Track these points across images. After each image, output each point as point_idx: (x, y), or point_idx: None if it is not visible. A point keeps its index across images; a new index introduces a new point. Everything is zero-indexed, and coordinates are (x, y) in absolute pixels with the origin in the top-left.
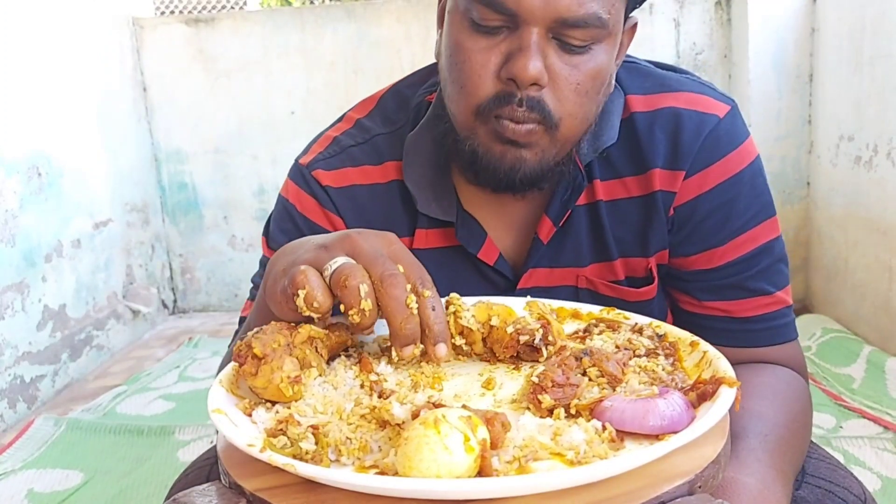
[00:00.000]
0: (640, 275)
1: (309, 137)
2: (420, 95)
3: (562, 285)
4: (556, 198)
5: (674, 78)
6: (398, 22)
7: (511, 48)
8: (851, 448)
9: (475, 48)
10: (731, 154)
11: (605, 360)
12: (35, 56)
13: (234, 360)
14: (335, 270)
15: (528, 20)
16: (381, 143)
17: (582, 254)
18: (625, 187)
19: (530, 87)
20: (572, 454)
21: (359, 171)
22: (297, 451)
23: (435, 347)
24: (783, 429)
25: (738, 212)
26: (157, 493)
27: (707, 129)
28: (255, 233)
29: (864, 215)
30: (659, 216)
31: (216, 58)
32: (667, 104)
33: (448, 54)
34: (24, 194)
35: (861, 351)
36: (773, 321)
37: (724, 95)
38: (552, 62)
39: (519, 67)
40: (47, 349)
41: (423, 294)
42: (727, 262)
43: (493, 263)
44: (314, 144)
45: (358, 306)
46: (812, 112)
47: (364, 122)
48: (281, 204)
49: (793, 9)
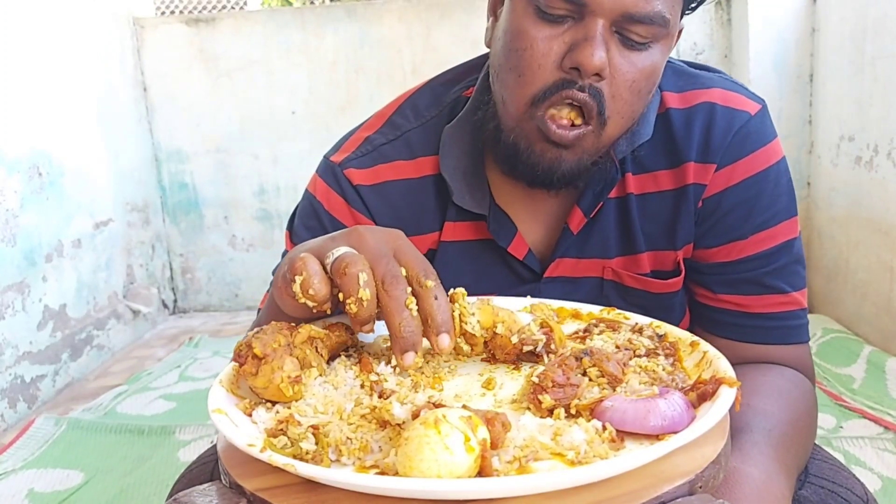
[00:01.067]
0: (668, 268)
1: (311, 137)
2: (456, 91)
3: (587, 276)
4: (589, 190)
5: (706, 76)
6: (399, 21)
7: (576, 38)
8: (852, 448)
9: (539, 35)
10: (759, 151)
11: (605, 360)
12: (36, 56)
13: (235, 360)
14: (336, 258)
15: (596, 11)
16: (412, 138)
17: (609, 245)
18: (656, 181)
19: (593, 77)
20: (573, 454)
21: (391, 168)
22: (297, 451)
23: (438, 338)
24: (787, 426)
25: (762, 208)
26: (157, 492)
27: (738, 125)
28: (255, 233)
29: (865, 215)
30: (688, 209)
31: (217, 57)
32: (701, 100)
33: (507, 40)
34: (24, 194)
35: (861, 351)
36: (786, 320)
37: (755, 95)
38: (613, 56)
39: (585, 55)
40: (48, 349)
41: (425, 285)
42: (746, 257)
43: (522, 258)
44: (346, 143)
45: (356, 295)
46: (813, 112)
47: (395, 118)
48: (308, 200)
49: (793, 9)
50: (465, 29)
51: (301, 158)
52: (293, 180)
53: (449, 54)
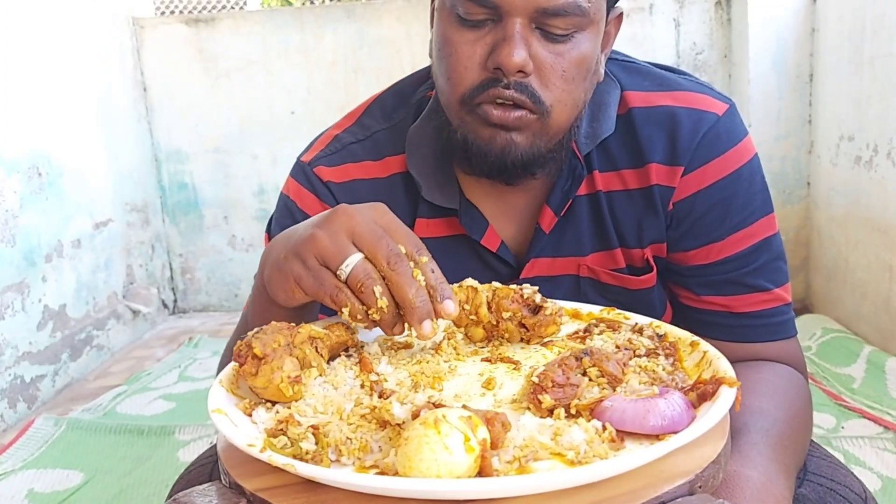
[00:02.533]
0: (639, 264)
1: (310, 137)
2: (421, 92)
3: (564, 274)
4: (557, 188)
5: (672, 78)
6: (398, 21)
7: (496, 39)
8: (852, 448)
9: (462, 41)
10: (730, 151)
11: (605, 360)
12: (35, 56)
13: (234, 360)
14: (349, 276)
15: (511, 11)
16: (380, 138)
17: (583, 243)
18: (622, 180)
19: (516, 74)
20: (572, 454)
21: (359, 167)
22: (297, 451)
23: (442, 305)
24: (784, 424)
25: (737, 208)
26: (157, 492)
27: (706, 127)
28: (255, 233)
29: (865, 215)
30: (656, 209)
31: (216, 58)
32: (665, 102)
33: (437, 48)
34: (24, 194)
35: (861, 351)
36: (771, 317)
37: (723, 95)
38: (536, 51)
39: (504, 55)
40: (47, 349)
41: (420, 261)
42: (725, 258)
43: (495, 250)
44: (315, 143)
45: (376, 306)
46: (812, 112)
47: (364, 119)
48: (282, 201)
49: (793, 9)
50: None
51: None
52: None
53: None
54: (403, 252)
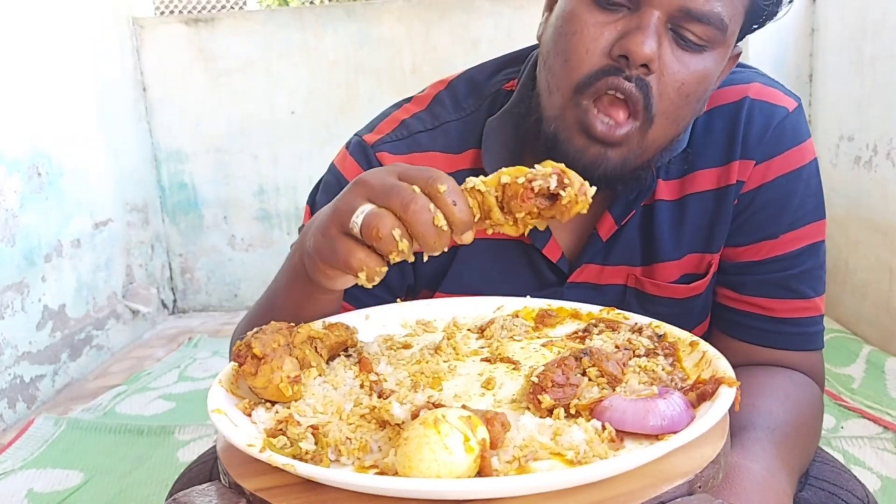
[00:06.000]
0: (701, 271)
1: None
2: (497, 83)
3: (611, 283)
4: (622, 197)
5: (743, 71)
6: (399, 21)
7: (628, 27)
8: (851, 448)
9: (591, 21)
10: (795, 149)
11: (604, 360)
12: (35, 56)
13: (234, 359)
14: (363, 224)
15: (653, 2)
16: (451, 129)
17: (634, 253)
18: (695, 182)
19: (640, 68)
20: (572, 454)
21: (425, 158)
22: (296, 451)
23: (462, 237)
24: (791, 428)
25: (793, 207)
26: (157, 492)
27: (776, 121)
28: (255, 233)
29: (865, 215)
30: (727, 208)
31: (216, 57)
32: (741, 95)
33: (559, 25)
34: (24, 194)
35: (861, 351)
36: (806, 327)
37: (792, 92)
38: (665, 52)
39: (636, 43)
40: (47, 349)
41: (439, 190)
42: (775, 256)
43: (556, 261)
44: (381, 123)
45: (396, 249)
46: (812, 112)
47: (434, 106)
48: (334, 176)
49: (793, 9)
50: (465, 29)
51: (300, 158)
52: (292, 180)
53: (448, 54)
54: (418, 191)
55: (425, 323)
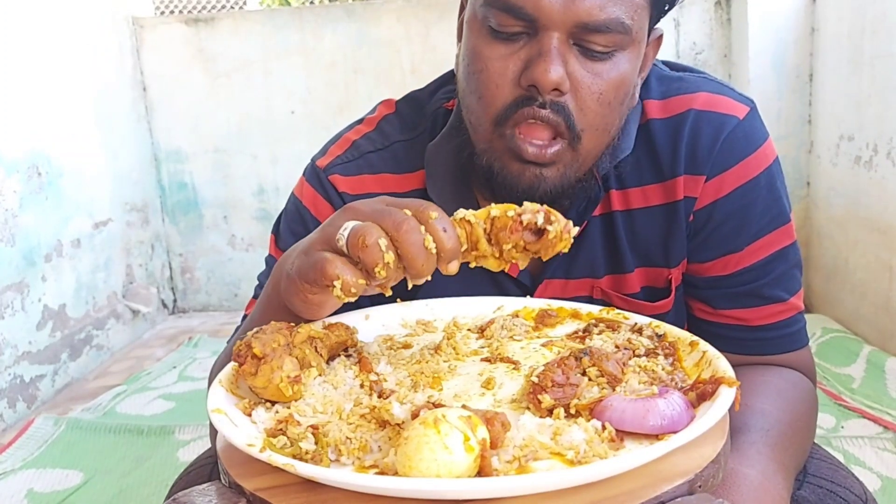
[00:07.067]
0: (660, 285)
1: (309, 137)
2: (437, 102)
3: (577, 296)
4: (572, 209)
5: (690, 79)
6: (398, 22)
7: (531, 54)
8: (851, 448)
9: (493, 56)
10: (749, 158)
11: (604, 359)
12: (35, 56)
13: (234, 359)
14: (350, 234)
15: (549, 25)
16: (399, 150)
17: (597, 265)
18: (644, 196)
19: (552, 92)
20: (572, 454)
21: (376, 180)
22: (296, 451)
23: (448, 266)
24: (785, 426)
25: (755, 216)
26: (156, 492)
27: (726, 132)
28: (255, 232)
29: (864, 215)
30: (679, 224)
31: (216, 57)
32: (684, 108)
33: (466, 63)
34: (23, 194)
35: (861, 351)
36: (786, 328)
37: (743, 96)
38: (574, 69)
39: (540, 72)
40: (47, 349)
41: (430, 216)
42: (743, 268)
43: (516, 275)
44: (332, 146)
45: (382, 261)
46: (812, 112)
47: (383, 126)
48: (294, 205)
49: (793, 8)
50: None
51: (300, 158)
52: (292, 180)
53: (448, 54)
54: (409, 214)
55: (425, 323)
